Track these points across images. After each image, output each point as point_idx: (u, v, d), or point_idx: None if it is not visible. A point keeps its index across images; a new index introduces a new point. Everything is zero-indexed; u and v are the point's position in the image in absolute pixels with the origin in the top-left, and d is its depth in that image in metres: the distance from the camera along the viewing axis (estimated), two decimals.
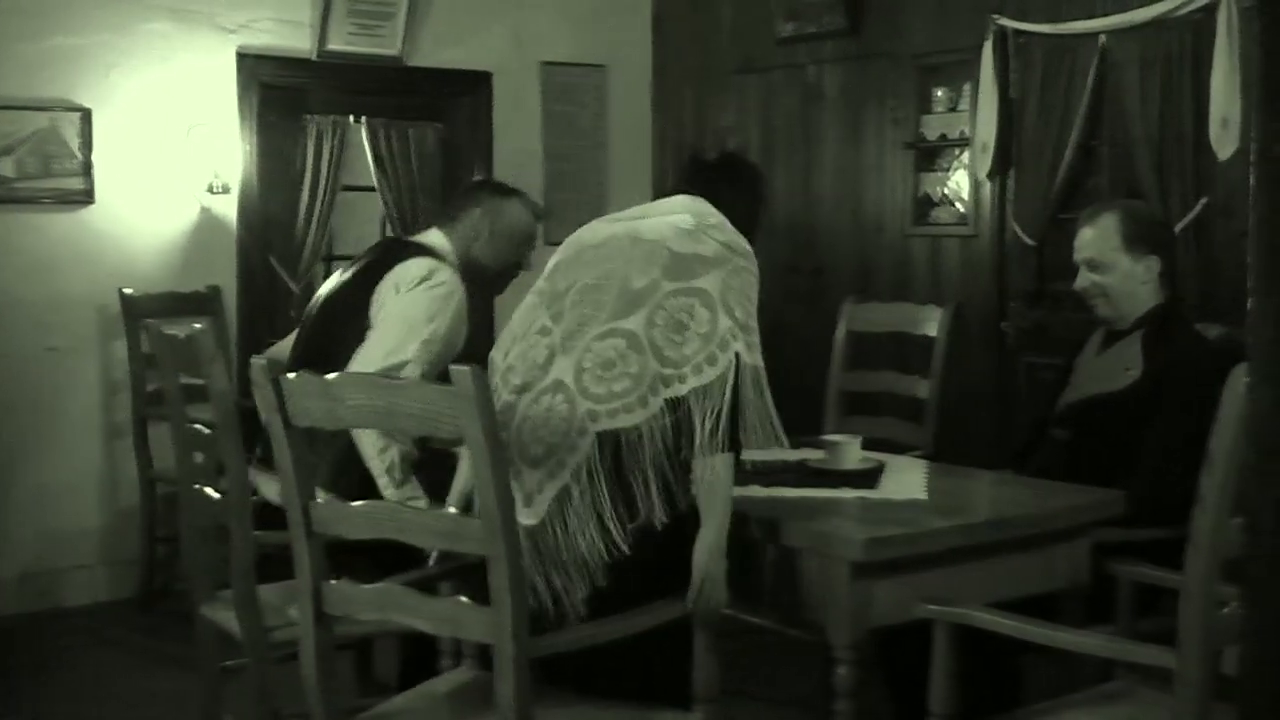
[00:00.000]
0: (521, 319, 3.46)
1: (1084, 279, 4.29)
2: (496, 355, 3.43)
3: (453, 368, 2.67)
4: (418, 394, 2.83)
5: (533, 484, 3.21)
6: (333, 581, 2.96)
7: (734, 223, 3.48)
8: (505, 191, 4.62)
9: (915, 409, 5.35)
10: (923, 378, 5.28)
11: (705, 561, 3.19)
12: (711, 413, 3.17)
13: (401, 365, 4.06)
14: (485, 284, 4.62)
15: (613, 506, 3.18)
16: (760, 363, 3.26)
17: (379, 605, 2.97)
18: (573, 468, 3.18)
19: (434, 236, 4.48)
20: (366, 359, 4.09)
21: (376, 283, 4.27)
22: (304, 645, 3.01)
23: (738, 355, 3.21)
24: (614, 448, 3.18)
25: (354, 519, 2.96)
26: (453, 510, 3.24)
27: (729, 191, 3.62)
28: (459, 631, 3.06)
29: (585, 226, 3.59)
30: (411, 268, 4.27)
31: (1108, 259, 4.21)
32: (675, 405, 3.18)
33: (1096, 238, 4.25)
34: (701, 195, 3.56)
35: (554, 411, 3.21)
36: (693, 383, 3.18)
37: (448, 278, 4.29)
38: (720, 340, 3.21)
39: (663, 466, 3.19)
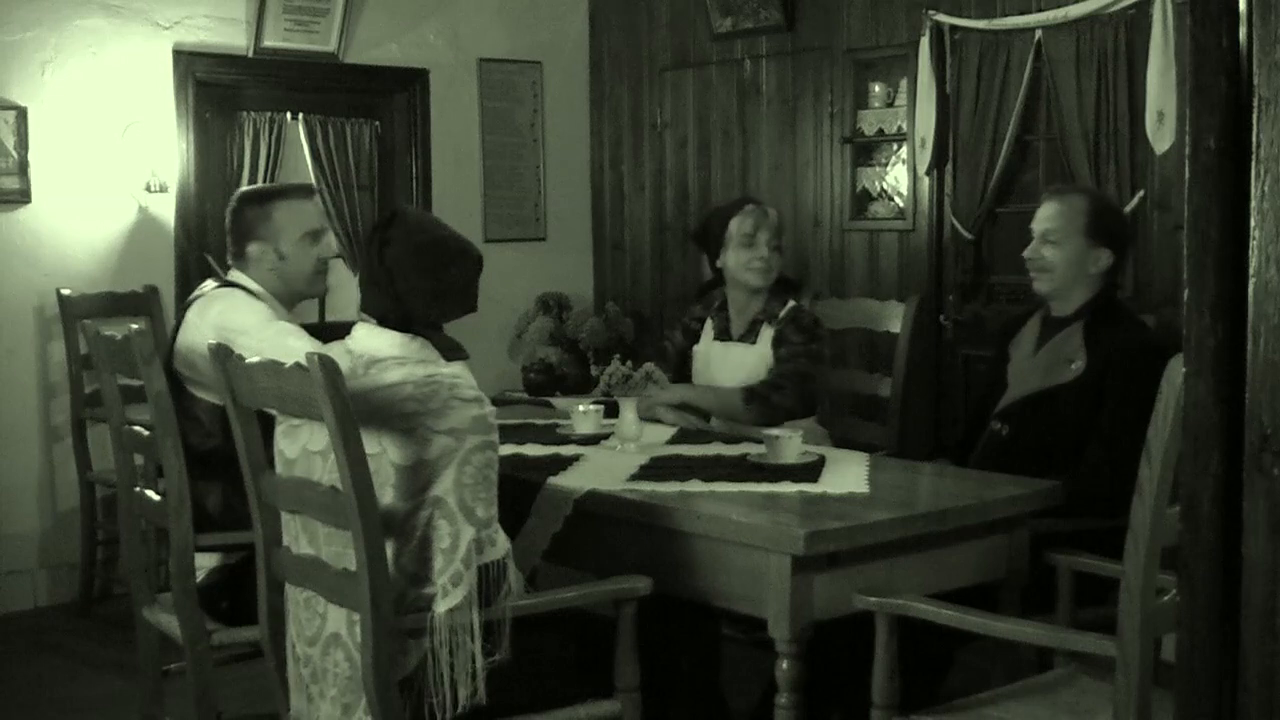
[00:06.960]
0: None
1: (1035, 249, 4.29)
2: None
3: (306, 355, 2.83)
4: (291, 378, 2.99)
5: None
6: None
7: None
8: (263, 199, 4.61)
9: (873, 406, 5.32)
10: (884, 375, 5.23)
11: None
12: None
13: None
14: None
15: None
16: None
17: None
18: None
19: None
20: None
21: None
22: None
23: None
24: None
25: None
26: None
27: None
28: (335, 599, 3.11)
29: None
30: None
31: (1064, 236, 4.22)
32: None
33: (1061, 213, 4.26)
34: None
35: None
36: None
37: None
38: None
39: None
